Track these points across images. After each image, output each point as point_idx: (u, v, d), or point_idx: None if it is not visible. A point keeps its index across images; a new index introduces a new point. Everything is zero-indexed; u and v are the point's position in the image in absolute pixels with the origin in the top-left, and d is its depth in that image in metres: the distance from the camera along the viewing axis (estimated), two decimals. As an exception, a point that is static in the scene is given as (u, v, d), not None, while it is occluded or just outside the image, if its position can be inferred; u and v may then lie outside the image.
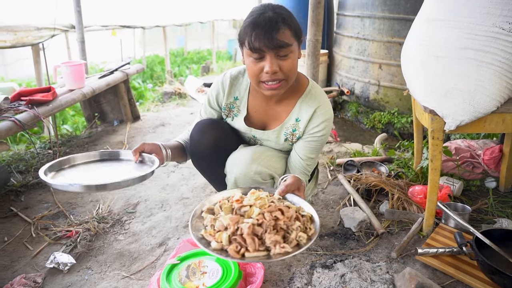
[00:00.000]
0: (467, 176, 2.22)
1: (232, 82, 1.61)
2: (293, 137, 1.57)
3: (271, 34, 1.28)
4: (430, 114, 1.61)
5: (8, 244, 1.84)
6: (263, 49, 1.31)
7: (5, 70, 7.01)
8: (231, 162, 1.56)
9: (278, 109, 1.58)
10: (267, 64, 1.33)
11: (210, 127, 1.58)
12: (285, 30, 1.31)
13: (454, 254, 1.54)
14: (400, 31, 3.42)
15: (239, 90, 1.61)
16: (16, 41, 3.59)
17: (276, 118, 1.59)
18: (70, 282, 1.59)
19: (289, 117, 1.56)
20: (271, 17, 1.30)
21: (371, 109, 3.81)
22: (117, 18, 5.77)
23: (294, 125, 1.56)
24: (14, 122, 2.11)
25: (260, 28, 1.29)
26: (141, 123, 3.68)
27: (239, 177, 1.51)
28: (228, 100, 1.63)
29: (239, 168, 1.50)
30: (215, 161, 1.61)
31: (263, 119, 1.61)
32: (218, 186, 1.79)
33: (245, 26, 1.34)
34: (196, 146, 1.59)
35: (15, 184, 2.37)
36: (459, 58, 1.49)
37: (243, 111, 1.61)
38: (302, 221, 1.22)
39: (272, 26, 1.28)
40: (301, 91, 1.54)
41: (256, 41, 1.30)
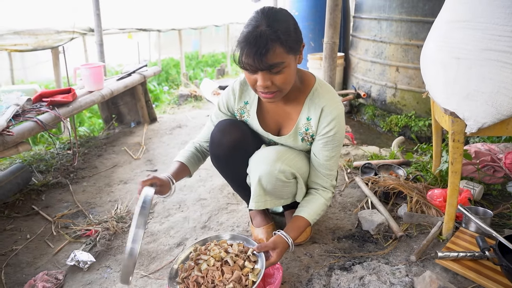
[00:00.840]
0: (487, 180, 2.18)
1: (242, 87, 1.62)
2: (307, 136, 1.56)
3: (260, 56, 1.24)
4: (451, 116, 1.59)
5: (31, 242, 1.88)
6: (253, 68, 1.29)
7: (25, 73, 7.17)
8: (255, 160, 1.56)
9: (287, 108, 1.58)
10: (259, 80, 1.31)
11: (231, 127, 1.58)
12: (276, 49, 1.26)
13: (476, 258, 1.52)
14: (418, 34, 3.38)
15: (249, 94, 1.62)
16: (37, 44, 3.67)
17: (288, 118, 1.59)
18: (90, 280, 1.62)
19: (300, 117, 1.55)
20: (263, 34, 1.24)
21: (388, 112, 3.77)
22: (133, 21, 5.86)
23: (306, 124, 1.55)
24: (37, 122, 2.16)
25: (250, 47, 1.24)
26: (158, 124, 3.72)
27: (263, 176, 1.50)
28: (239, 105, 1.63)
29: (264, 166, 1.50)
30: (236, 161, 1.62)
31: (276, 120, 1.61)
32: (237, 186, 1.80)
33: (240, 39, 1.29)
34: (217, 146, 1.59)
35: (36, 183, 2.42)
36: (481, 60, 1.47)
37: (253, 115, 1.61)
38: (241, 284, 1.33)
39: (261, 47, 1.23)
40: (308, 90, 1.53)
41: (246, 61, 1.27)
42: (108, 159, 2.89)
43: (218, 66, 7.51)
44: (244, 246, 1.48)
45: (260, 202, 1.56)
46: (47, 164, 2.72)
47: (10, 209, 2.15)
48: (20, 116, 2.18)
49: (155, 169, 2.70)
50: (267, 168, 1.49)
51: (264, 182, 1.51)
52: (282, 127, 1.62)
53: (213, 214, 2.05)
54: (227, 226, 1.93)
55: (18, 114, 2.19)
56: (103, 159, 2.88)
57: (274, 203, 1.60)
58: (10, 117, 2.05)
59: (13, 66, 5.90)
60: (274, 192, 1.55)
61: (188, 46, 10.80)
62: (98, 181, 2.53)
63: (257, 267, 1.37)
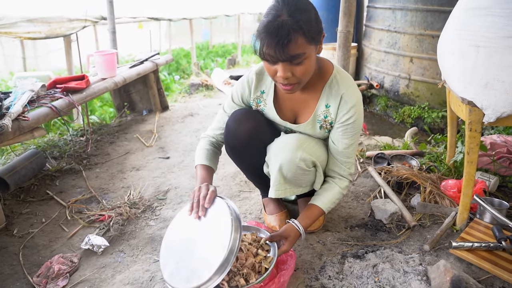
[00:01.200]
0: (503, 172, 2.15)
1: (258, 77, 1.60)
2: (326, 124, 1.55)
3: (282, 47, 1.21)
4: (468, 106, 1.56)
5: (46, 225, 1.91)
6: (274, 59, 1.26)
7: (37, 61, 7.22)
8: (275, 148, 1.54)
9: (304, 96, 1.55)
10: (279, 70, 1.28)
11: (247, 117, 1.57)
12: (298, 39, 1.22)
13: (491, 249, 1.51)
14: (433, 24, 3.33)
15: (265, 83, 1.60)
16: (50, 32, 3.69)
17: (305, 105, 1.57)
18: (104, 264, 1.64)
19: (318, 104, 1.53)
20: (284, 24, 1.20)
21: (401, 103, 3.73)
22: (145, 10, 5.85)
23: (324, 111, 1.53)
24: (51, 108, 2.17)
25: (272, 38, 1.21)
26: (170, 113, 3.73)
27: (284, 163, 1.49)
28: (255, 94, 1.61)
29: (285, 154, 1.48)
30: (252, 151, 1.61)
31: (293, 108, 1.59)
32: (251, 175, 1.80)
33: (260, 28, 1.25)
34: (232, 136, 1.58)
35: (50, 169, 2.45)
36: (502, 48, 1.44)
37: (270, 104, 1.59)
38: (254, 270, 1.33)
39: (283, 38, 1.20)
40: (326, 77, 1.51)
41: (267, 52, 1.24)
42: (121, 146, 2.91)
43: (229, 56, 7.49)
44: (257, 236, 1.48)
45: (280, 190, 1.55)
46: (61, 150, 2.75)
47: (25, 193, 2.18)
48: (35, 102, 2.20)
49: (167, 156, 2.71)
50: (288, 156, 1.48)
51: (284, 170, 1.50)
52: (298, 115, 1.60)
53: (226, 201, 2.06)
54: (240, 214, 1.93)
55: (33, 100, 2.21)
56: (116, 146, 2.90)
57: (293, 191, 1.59)
58: (26, 103, 2.07)
59: (25, 55, 5.95)
60: (294, 180, 1.54)
61: (198, 37, 10.78)
62: (111, 168, 2.55)
63: (269, 255, 1.38)
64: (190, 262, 1.26)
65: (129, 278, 1.53)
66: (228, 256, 1.20)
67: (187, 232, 1.36)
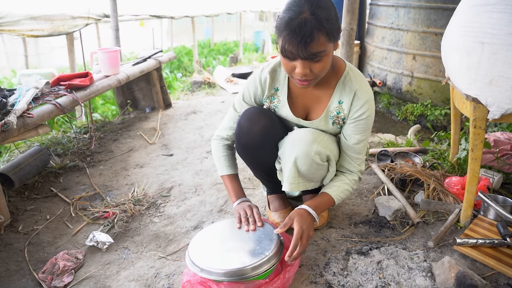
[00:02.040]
0: (507, 169, 2.15)
1: (272, 76, 1.59)
2: (339, 120, 1.56)
3: (305, 45, 1.22)
4: (473, 102, 1.56)
5: (51, 222, 1.92)
6: (295, 56, 1.27)
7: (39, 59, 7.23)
8: (290, 141, 1.54)
9: (317, 92, 1.56)
10: (298, 67, 1.29)
11: (260, 115, 1.56)
12: (320, 37, 1.24)
13: (495, 245, 1.51)
14: (436, 21, 3.32)
15: (278, 81, 1.60)
16: (53, 29, 3.69)
17: (318, 102, 1.57)
18: (108, 260, 1.65)
19: (331, 100, 1.54)
20: (308, 22, 1.21)
21: (403, 100, 3.73)
22: (147, 8, 5.85)
23: (337, 107, 1.54)
24: (55, 105, 2.18)
25: (295, 36, 1.22)
26: (173, 110, 3.73)
27: (299, 156, 1.49)
28: (270, 92, 1.61)
29: (300, 147, 1.49)
30: (265, 149, 1.61)
31: (305, 104, 1.60)
32: (261, 173, 1.80)
33: (281, 24, 1.26)
34: (245, 134, 1.57)
35: (54, 166, 2.46)
36: (508, 44, 1.43)
37: (284, 101, 1.59)
38: None
39: (306, 35, 1.21)
40: (339, 73, 1.53)
41: (290, 48, 1.25)
42: (124, 143, 2.91)
43: (231, 54, 7.49)
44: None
45: (294, 184, 1.56)
46: (64, 147, 2.76)
47: (30, 190, 2.19)
48: (39, 99, 2.21)
49: (170, 153, 2.72)
50: (304, 149, 1.48)
51: (299, 163, 1.51)
52: (310, 111, 1.61)
53: (229, 198, 2.06)
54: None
55: (38, 97, 2.21)
56: (119, 144, 2.90)
57: (305, 185, 1.60)
58: (30, 100, 2.07)
59: (27, 52, 5.96)
60: (308, 174, 1.55)
61: (200, 34, 10.77)
62: (115, 165, 2.55)
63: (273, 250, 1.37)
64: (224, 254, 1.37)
65: (134, 274, 1.54)
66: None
67: (227, 239, 1.46)
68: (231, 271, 1.28)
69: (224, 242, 1.43)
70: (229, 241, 1.43)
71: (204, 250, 1.40)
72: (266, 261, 1.32)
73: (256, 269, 1.30)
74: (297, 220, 1.42)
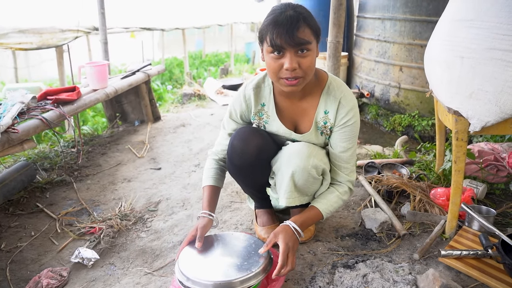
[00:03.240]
0: (491, 179, 2.18)
1: (256, 92, 1.62)
2: (326, 130, 1.59)
3: (292, 32, 1.32)
4: (454, 115, 1.59)
5: (35, 239, 1.90)
6: (284, 46, 1.34)
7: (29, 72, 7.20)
8: (286, 156, 1.54)
9: (304, 105, 1.59)
10: (287, 61, 1.35)
11: (253, 135, 1.57)
12: (305, 29, 1.35)
13: (479, 257, 1.52)
14: (421, 33, 3.38)
15: (264, 96, 1.62)
16: (42, 42, 3.69)
17: (304, 114, 1.60)
18: (94, 277, 1.63)
19: (317, 112, 1.57)
20: (292, 15, 1.34)
21: (391, 111, 3.77)
22: (137, 20, 5.88)
23: (324, 117, 1.57)
24: (41, 120, 2.17)
25: (282, 26, 1.32)
26: (162, 123, 3.73)
27: (297, 171, 1.50)
28: (256, 109, 1.63)
29: (297, 161, 1.50)
30: (258, 169, 1.62)
31: (292, 117, 1.62)
32: (251, 189, 1.81)
33: (267, 24, 1.36)
34: (239, 155, 1.57)
35: (40, 181, 2.44)
36: (486, 59, 1.47)
37: (273, 115, 1.61)
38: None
39: (293, 24, 1.32)
40: (323, 84, 1.56)
41: (278, 38, 1.33)
42: (112, 157, 2.90)
43: (221, 66, 7.52)
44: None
45: (291, 198, 1.57)
46: (51, 162, 2.74)
47: (14, 206, 2.17)
48: (25, 114, 2.20)
49: (159, 167, 2.71)
50: (300, 163, 1.50)
51: (296, 177, 1.52)
52: (298, 124, 1.63)
53: (217, 212, 2.06)
54: (231, 224, 1.94)
55: (23, 111, 2.20)
56: (107, 157, 2.89)
57: (300, 199, 1.61)
58: (15, 115, 2.06)
59: (17, 65, 5.94)
60: (303, 188, 1.57)
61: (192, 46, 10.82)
62: (102, 179, 2.54)
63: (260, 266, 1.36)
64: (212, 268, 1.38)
65: (119, 291, 1.52)
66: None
67: (218, 252, 1.47)
68: (219, 283, 1.28)
69: (214, 255, 1.43)
70: (219, 254, 1.44)
71: (194, 261, 1.40)
72: (254, 275, 1.32)
73: (244, 282, 1.30)
74: (282, 237, 1.42)
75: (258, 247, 1.45)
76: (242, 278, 1.29)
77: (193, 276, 1.31)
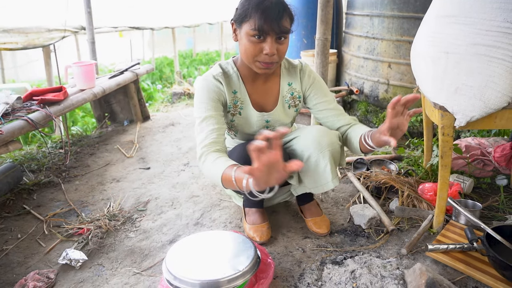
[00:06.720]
0: (477, 173, 2.20)
1: (227, 81, 1.63)
2: (294, 101, 1.71)
3: (279, 20, 1.39)
4: (440, 111, 1.60)
5: (22, 241, 1.87)
6: (269, 32, 1.40)
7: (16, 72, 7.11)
8: (313, 143, 1.53)
9: (268, 84, 1.68)
10: (268, 46, 1.42)
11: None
12: (287, 17, 1.44)
13: (465, 250, 1.54)
14: (409, 30, 3.39)
15: (234, 83, 1.65)
16: (28, 42, 3.64)
17: (269, 93, 1.69)
18: (82, 278, 1.61)
19: (281, 87, 1.69)
20: (277, 3, 1.41)
21: (381, 108, 3.78)
22: (126, 19, 5.83)
23: (289, 89, 1.71)
24: (27, 121, 2.14)
25: (269, 13, 1.38)
26: (151, 123, 3.71)
27: (331, 148, 1.55)
28: (230, 97, 1.64)
29: (326, 139, 1.54)
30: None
31: (259, 99, 1.68)
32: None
33: (251, 7, 1.40)
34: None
35: (27, 182, 2.41)
36: (470, 54, 1.48)
37: (247, 101, 1.66)
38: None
39: (280, 13, 1.40)
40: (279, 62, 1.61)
41: (265, 25, 1.39)
42: (101, 157, 2.88)
43: (212, 64, 7.49)
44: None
45: (336, 178, 1.58)
46: (39, 163, 2.71)
47: (0, 209, 2.14)
48: (10, 114, 2.17)
49: (148, 166, 2.69)
50: (330, 139, 1.55)
51: (334, 154, 1.56)
52: (263, 105, 1.69)
53: (206, 211, 2.06)
54: (220, 223, 1.94)
55: (8, 112, 2.17)
56: (96, 158, 2.87)
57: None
58: (0, 116, 2.04)
59: (3, 65, 5.86)
60: (337, 162, 1.62)
61: (182, 45, 10.77)
62: (91, 180, 2.52)
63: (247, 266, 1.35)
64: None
65: (107, 292, 1.51)
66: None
67: (206, 251, 1.45)
68: (207, 282, 1.28)
69: (202, 254, 1.43)
70: (207, 253, 1.43)
71: (182, 260, 1.39)
72: (241, 274, 1.31)
73: (232, 281, 1.29)
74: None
75: (247, 246, 1.44)
76: (229, 277, 1.29)
77: (181, 275, 1.30)
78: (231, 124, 1.71)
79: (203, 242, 1.50)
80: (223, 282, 1.28)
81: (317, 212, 1.84)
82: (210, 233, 1.57)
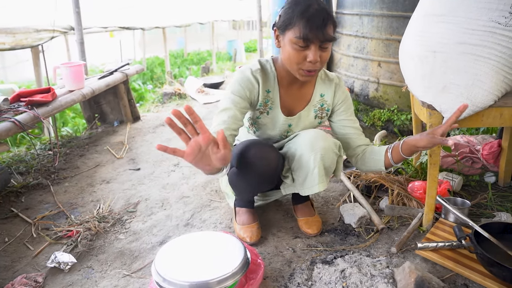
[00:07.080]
0: (466, 171, 2.22)
1: (264, 79, 1.61)
2: (322, 112, 1.71)
3: (323, 28, 1.39)
4: (428, 109, 1.61)
5: (9, 245, 1.85)
6: (314, 40, 1.40)
7: (5, 72, 7.03)
8: (307, 145, 1.54)
9: (302, 91, 1.68)
10: (312, 54, 1.41)
11: (269, 150, 1.57)
12: (331, 25, 1.42)
13: (454, 248, 1.55)
14: (398, 29, 3.41)
15: (269, 82, 1.64)
16: (15, 43, 3.60)
17: (301, 99, 1.68)
18: (71, 281, 1.60)
19: (314, 96, 1.69)
20: (321, 10, 1.40)
21: (371, 106, 3.80)
22: (116, 19, 5.78)
23: (320, 100, 1.70)
24: (14, 122, 2.12)
25: (314, 21, 1.38)
26: (141, 123, 3.68)
27: (324, 153, 1.54)
28: (263, 94, 1.62)
29: (321, 143, 1.53)
30: (275, 179, 1.66)
31: (290, 104, 1.68)
32: (250, 196, 1.83)
33: (296, 15, 1.39)
34: (259, 168, 1.53)
35: (15, 185, 2.38)
36: (457, 53, 1.49)
37: (277, 102, 1.65)
38: None
39: (324, 21, 1.39)
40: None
41: (311, 33, 1.38)
42: (91, 158, 2.85)
43: (203, 64, 7.48)
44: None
45: (323, 183, 1.58)
46: (27, 165, 2.68)
47: (-12, 212, 2.11)
48: (-4, 116, 2.14)
49: (138, 167, 2.68)
50: (325, 144, 1.54)
51: (325, 159, 1.55)
52: (292, 110, 1.69)
53: (196, 212, 2.05)
54: (210, 223, 1.93)
55: (-5, 114, 2.15)
56: (85, 159, 2.84)
57: (327, 182, 1.63)
58: (-14, 118, 2.01)
59: (-9, 66, 5.79)
60: (329, 169, 1.61)
61: (174, 44, 10.74)
62: (80, 181, 2.50)
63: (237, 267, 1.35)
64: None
65: (96, 295, 1.50)
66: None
67: (195, 252, 1.44)
68: (196, 283, 1.27)
69: (191, 255, 1.42)
70: (196, 254, 1.42)
71: (171, 261, 1.38)
72: (231, 275, 1.31)
73: (221, 283, 1.29)
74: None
75: (236, 247, 1.44)
76: (219, 278, 1.28)
77: (170, 276, 1.29)
78: (256, 120, 1.68)
79: (193, 243, 1.49)
80: (212, 283, 1.27)
81: (310, 212, 1.84)
82: (200, 234, 1.56)
